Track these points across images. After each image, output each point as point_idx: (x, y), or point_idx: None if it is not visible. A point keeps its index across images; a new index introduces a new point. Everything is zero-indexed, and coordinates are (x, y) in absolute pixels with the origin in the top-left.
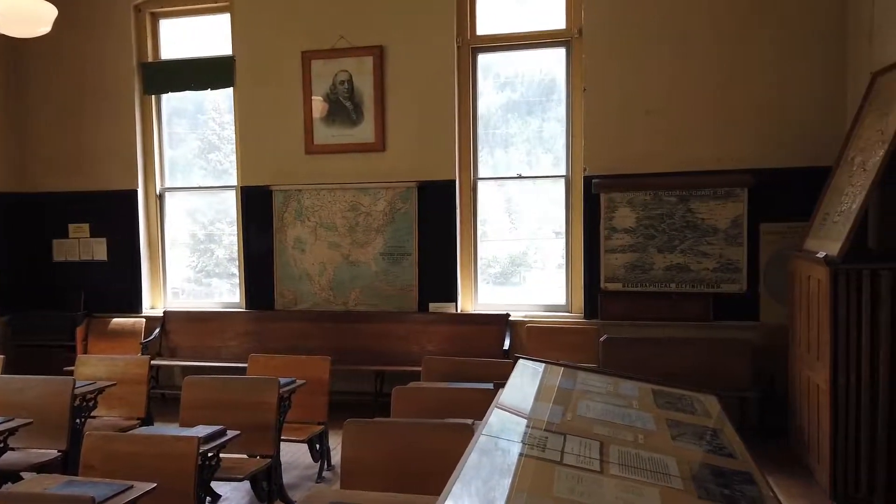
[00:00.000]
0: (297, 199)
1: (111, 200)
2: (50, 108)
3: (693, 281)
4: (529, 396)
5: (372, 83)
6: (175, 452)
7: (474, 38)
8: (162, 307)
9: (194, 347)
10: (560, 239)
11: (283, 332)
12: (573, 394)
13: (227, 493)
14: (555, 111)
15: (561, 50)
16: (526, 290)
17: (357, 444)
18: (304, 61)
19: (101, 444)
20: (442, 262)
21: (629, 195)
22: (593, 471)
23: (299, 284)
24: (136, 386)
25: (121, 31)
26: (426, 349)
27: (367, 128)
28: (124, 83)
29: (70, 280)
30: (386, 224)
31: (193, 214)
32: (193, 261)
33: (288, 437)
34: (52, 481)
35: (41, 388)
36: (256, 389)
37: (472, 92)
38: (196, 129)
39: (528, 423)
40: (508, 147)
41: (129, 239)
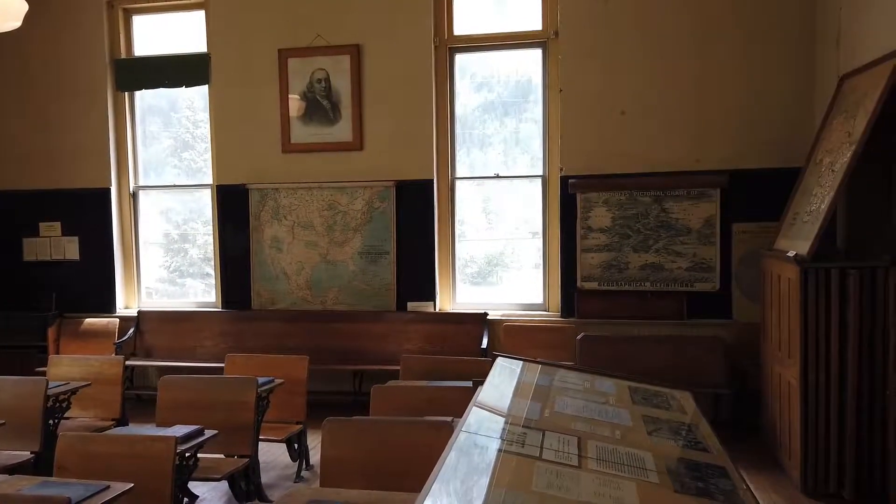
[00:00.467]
0: (273, 198)
1: (83, 199)
2: (20, 104)
3: (667, 280)
4: (508, 394)
5: (349, 82)
6: (152, 453)
7: (451, 38)
8: (136, 307)
9: (170, 348)
10: (537, 239)
11: (260, 332)
12: (551, 391)
13: (204, 494)
14: (531, 112)
15: (537, 51)
16: (503, 289)
17: (336, 442)
18: (281, 59)
19: (75, 445)
20: (420, 261)
21: (605, 195)
22: (571, 466)
23: (276, 284)
24: (110, 386)
25: (93, 27)
26: (404, 348)
27: (345, 126)
28: (96, 80)
29: (41, 280)
30: (364, 223)
31: (167, 213)
32: (167, 260)
33: (266, 436)
34: (27, 482)
35: (13, 388)
36: (234, 389)
37: (450, 92)
38: (169, 128)
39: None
40: (485, 147)
41: (102, 238)
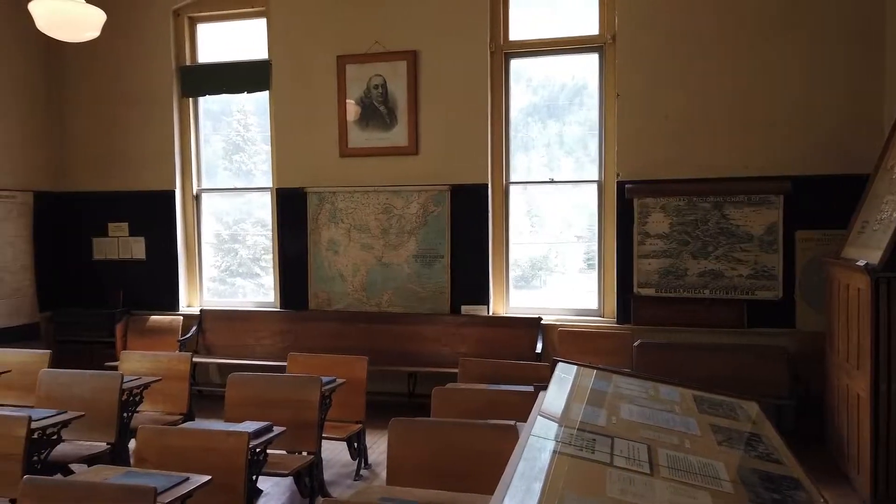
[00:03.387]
0: (331, 201)
1: (150, 200)
2: (91, 109)
3: (727, 287)
4: (572, 399)
5: (406, 87)
6: (226, 447)
7: (507, 43)
8: (198, 305)
9: (229, 346)
10: (582, 243)
11: (317, 332)
12: (615, 397)
13: (268, 489)
14: (577, 115)
15: (594, 55)
16: (547, 293)
17: (402, 442)
18: (339, 66)
19: (153, 438)
20: (473, 264)
21: (662, 200)
22: (644, 473)
23: (333, 285)
24: (178, 382)
25: (160, 36)
26: (458, 351)
27: (401, 131)
28: (163, 86)
29: (110, 278)
30: (419, 226)
31: (218, 215)
32: (217, 260)
33: (328, 434)
34: (111, 472)
35: (91, 382)
36: (299, 388)
37: (505, 96)
38: (220, 131)
39: (574, 425)
40: (530, 150)
41: (167, 238)
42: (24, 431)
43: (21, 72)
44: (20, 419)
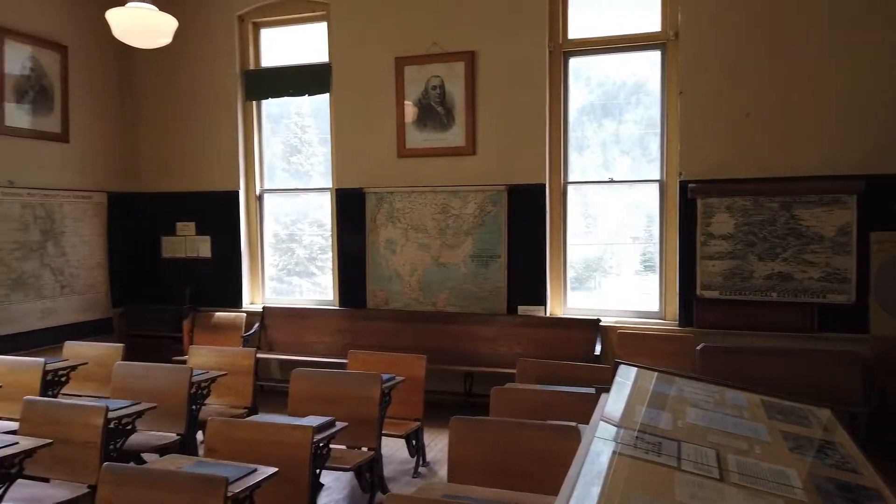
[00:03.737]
0: (388, 201)
1: (215, 200)
2: (160, 113)
3: (796, 290)
4: (635, 402)
5: (463, 88)
6: (291, 440)
7: (566, 41)
8: (260, 303)
9: (290, 342)
10: (638, 244)
11: (374, 331)
12: (679, 401)
13: (329, 483)
14: (633, 114)
15: (656, 53)
16: (603, 295)
17: (463, 440)
18: (398, 67)
19: (222, 430)
20: (530, 265)
21: (727, 201)
22: (713, 478)
23: (390, 284)
24: (243, 377)
25: (225, 41)
26: (515, 351)
27: (458, 132)
28: (228, 90)
29: (177, 275)
30: (475, 227)
31: (276, 215)
32: (276, 259)
33: (387, 431)
34: (183, 461)
35: (162, 375)
36: (360, 384)
37: (564, 96)
38: (278, 133)
39: (638, 428)
40: (584, 150)
41: (231, 237)
42: (102, 421)
43: (98, 79)
44: (98, 409)
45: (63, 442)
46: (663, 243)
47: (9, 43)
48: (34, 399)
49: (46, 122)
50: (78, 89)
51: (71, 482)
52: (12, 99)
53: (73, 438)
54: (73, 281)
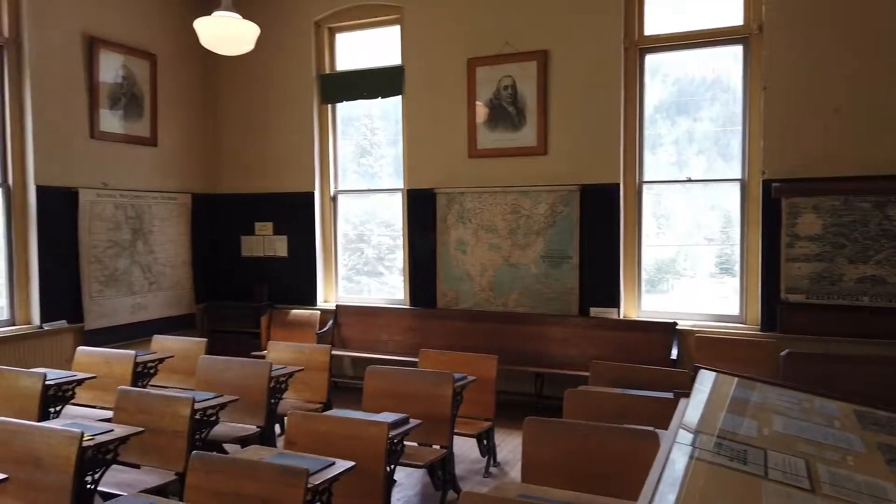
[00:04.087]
0: (459, 201)
1: (292, 201)
2: (241, 117)
3: (891, 295)
4: (717, 408)
5: (535, 87)
6: (368, 435)
7: (642, 38)
8: (334, 301)
9: (362, 340)
10: (713, 246)
11: (444, 330)
12: (764, 408)
13: (401, 479)
14: (709, 111)
15: (737, 47)
16: (676, 297)
17: (537, 441)
18: (470, 68)
19: (302, 423)
20: (603, 266)
21: (814, 200)
22: (804, 489)
23: (460, 284)
24: (318, 372)
25: (302, 46)
26: (587, 353)
27: (530, 132)
28: (304, 93)
29: (255, 274)
30: (547, 227)
31: (346, 216)
32: (345, 259)
33: (458, 430)
34: (265, 453)
35: (243, 369)
36: (433, 382)
37: (639, 93)
38: (348, 135)
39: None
40: (657, 149)
41: (307, 237)
42: (189, 411)
43: (184, 85)
44: (185, 400)
45: (153, 430)
46: (744, 245)
47: (103, 53)
48: (127, 389)
49: (137, 128)
50: (165, 95)
51: (160, 469)
52: (106, 106)
53: (163, 427)
54: (161, 278)
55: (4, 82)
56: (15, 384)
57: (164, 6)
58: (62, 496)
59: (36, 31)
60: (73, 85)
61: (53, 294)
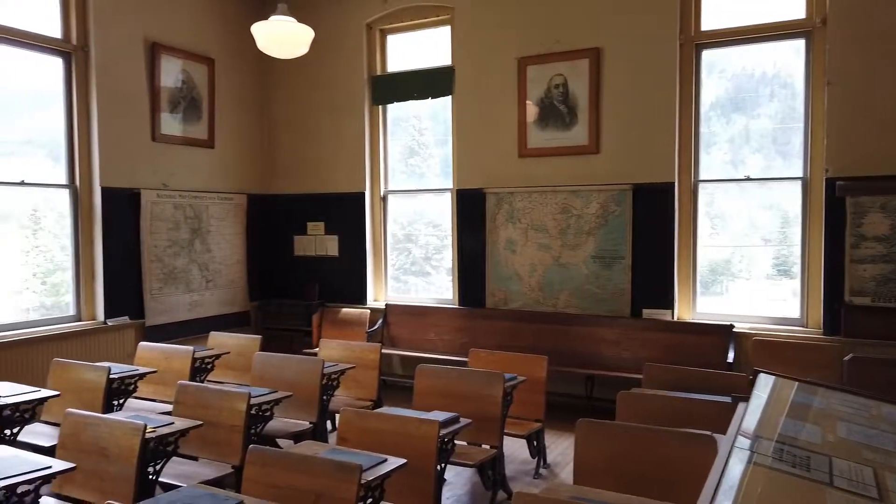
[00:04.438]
0: (509, 201)
1: (343, 202)
2: (294, 119)
3: None
4: (777, 413)
5: (587, 85)
6: (419, 433)
7: (698, 33)
8: (383, 300)
9: (411, 338)
10: (770, 247)
11: (493, 330)
12: (827, 414)
13: (450, 478)
14: (766, 108)
15: (799, 41)
16: (731, 299)
17: (589, 443)
18: (520, 67)
19: (354, 420)
20: (656, 266)
21: (882, 199)
22: (871, 498)
23: (510, 284)
24: (369, 370)
25: (354, 48)
26: (640, 356)
27: (581, 130)
28: (356, 95)
29: (307, 273)
30: (598, 227)
31: (394, 216)
32: (393, 259)
33: (508, 431)
34: (319, 448)
35: (296, 366)
36: (483, 382)
37: (695, 90)
38: (396, 136)
39: (782, 441)
40: (711, 147)
41: (357, 237)
42: (245, 406)
43: (240, 88)
44: (242, 395)
45: (210, 424)
46: (805, 245)
47: (165, 58)
48: (186, 384)
49: (195, 130)
50: (222, 99)
51: (217, 461)
52: (167, 109)
53: (220, 421)
54: (217, 276)
55: (73, 88)
56: (82, 377)
57: (222, 12)
58: (126, 485)
59: (102, 39)
60: (136, 89)
61: (116, 291)
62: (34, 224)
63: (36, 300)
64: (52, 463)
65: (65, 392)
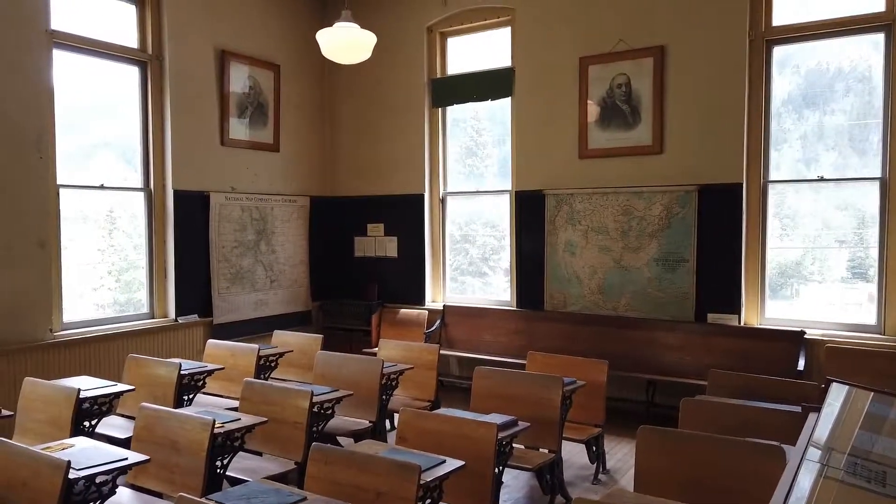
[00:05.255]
0: (569, 202)
1: (402, 203)
2: (355, 122)
3: None
4: (851, 424)
5: (651, 84)
6: (476, 435)
7: (769, 29)
8: (441, 301)
9: (469, 340)
10: (845, 249)
11: (551, 333)
12: None
13: (507, 482)
14: (841, 104)
15: (878, 35)
16: (803, 304)
17: (651, 451)
18: (582, 67)
19: (413, 420)
20: (722, 270)
21: None
22: None
23: (569, 287)
24: (427, 371)
25: (415, 51)
26: (704, 362)
27: (644, 130)
28: (416, 98)
29: (367, 273)
30: (661, 229)
31: (452, 216)
32: (451, 259)
33: (567, 435)
34: (380, 447)
35: (357, 365)
36: (542, 385)
37: (766, 88)
38: (455, 136)
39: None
40: (781, 144)
41: (416, 238)
42: (308, 404)
43: (304, 93)
44: (305, 393)
45: (275, 421)
46: (883, 248)
47: (233, 65)
48: (252, 381)
49: (261, 134)
50: (287, 103)
51: (280, 457)
52: (235, 114)
53: (284, 418)
54: (281, 276)
55: (148, 95)
56: (155, 372)
57: (288, 19)
58: (195, 478)
59: (175, 48)
60: (207, 96)
61: (187, 290)
62: (110, 224)
63: (110, 297)
64: (128, 455)
65: (139, 386)
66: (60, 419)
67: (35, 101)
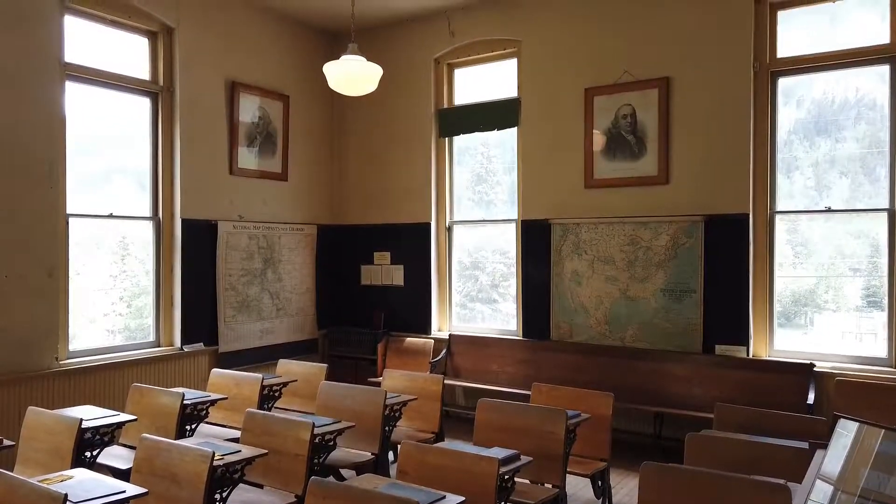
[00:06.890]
0: (575, 232)
1: (408, 232)
2: (362, 152)
3: None
4: (860, 463)
5: (656, 115)
6: (477, 470)
7: (774, 61)
8: (447, 330)
9: (474, 370)
10: (859, 277)
11: (557, 363)
12: None
13: None
14: (852, 131)
15: (883, 67)
16: (815, 334)
17: (654, 488)
18: (587, 98)
19: (414, 453)
20: (730, 301)
21: None
22: None
23: (575, 317)
24: (431, 402)
25: (422, 82)
26: (711, 394)
27: (650, 160)
28: (423, 128)
29: (373, 301)
30: (668, 259)
31: (461, 242)
32: (459, 286)
33: (571, 469)
34: (379, 482)
35: (360, 396)
36: (545, 418)
37: (771, 119)
38: (464, 164)
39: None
40: (792, 172)
41: (422, 267)
42: (309, 436)
43: (312, 123)
44: (306, 424)
45: (276, 452)
46: (893, 280)
47: (243, 95)
48: (254, 412)
49: (270, 164)
50: (295, 133)
51: (281, 490)
52: (244, 143)
53: (285, 450)
54: (287, 304)
55: (158, 126)
56: (158, 402)
57: (297, 51)
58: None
59: (186, 79)
60: (216, 126)
61: (193, 318)
62: (122, 250)
63: (121, 322)
64: (126, 487)
65: (142, 416)
66: (62, 449)
67: (47, 132)
